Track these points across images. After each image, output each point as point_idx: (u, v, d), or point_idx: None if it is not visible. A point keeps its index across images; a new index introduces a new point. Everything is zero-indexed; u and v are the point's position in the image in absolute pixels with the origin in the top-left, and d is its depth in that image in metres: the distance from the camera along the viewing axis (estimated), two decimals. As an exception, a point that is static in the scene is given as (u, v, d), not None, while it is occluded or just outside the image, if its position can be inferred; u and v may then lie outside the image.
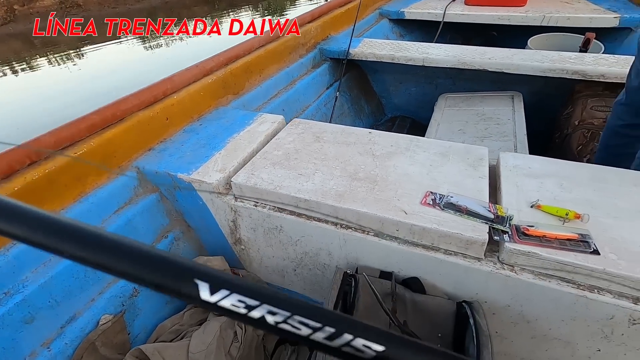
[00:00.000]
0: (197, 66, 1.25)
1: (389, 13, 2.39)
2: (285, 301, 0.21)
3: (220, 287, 0.20)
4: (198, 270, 0.21)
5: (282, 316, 0.20)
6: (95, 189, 0.93)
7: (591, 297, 0.64)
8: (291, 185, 0.86)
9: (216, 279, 0.21)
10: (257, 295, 0.20)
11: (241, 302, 0.20)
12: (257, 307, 0.20)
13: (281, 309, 0.20)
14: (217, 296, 0.20)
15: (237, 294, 0.20)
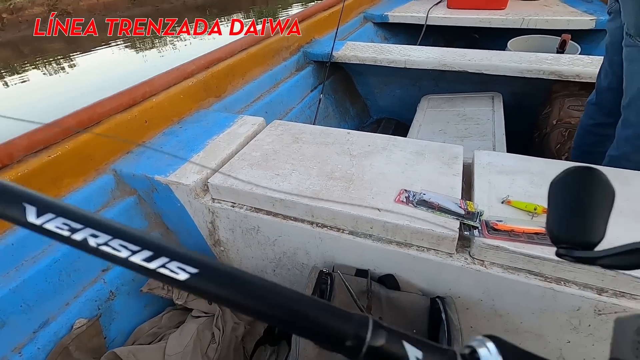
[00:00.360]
0: (178, 69, 1.25)
1: (373, 17, 2.42)
2: (106, 225, 0.22)
3: (46, 210, 0.22)
4: (27, 194, 0.23)
5: (104, 239, 0.22)
6: (70, 192, 0.92)
7: (558, 289, 0.65)
8: (267, 185, 0.86)
9: (43, 202, 0.23)
10: (80, 219, 0.22)
11: (65, 225, 0.22)
12: (80, 230, 0.22)
13: (102, 232, 0.22)
14: (43, 219, 0.22)
15: (62, 217, 0.22)
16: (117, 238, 0.22)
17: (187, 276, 0.22)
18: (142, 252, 0.22)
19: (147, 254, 0.22)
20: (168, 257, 0.22)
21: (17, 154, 0.84)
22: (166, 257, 0.22)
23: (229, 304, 0.22)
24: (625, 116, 0.93)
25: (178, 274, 0.22)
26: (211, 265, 0.22)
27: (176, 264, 0.22)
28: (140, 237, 0.22)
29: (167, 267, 0.22)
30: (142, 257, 0.22)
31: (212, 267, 0.22)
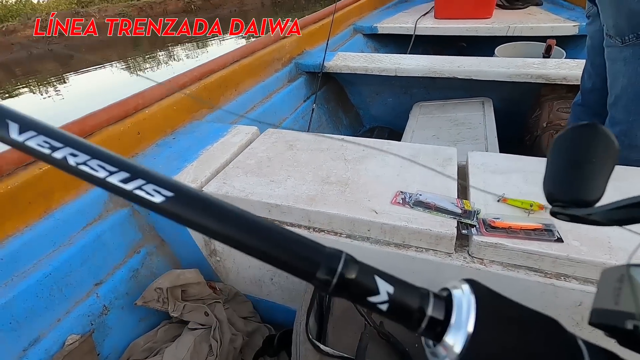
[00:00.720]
0: (170, 81, 1.26)
1: (363, 28, 2.47)
2: (85, 145, 0.23)
3: (28, 128, 0.22)
4: (10, 112, 0.23)
5: (82, 158, 0.22)
6: (62, 205, 0.91)
7: (558, 285, 0.64)
8: (263, 191, 0.85)
9: (25, 120, 0.23)
10: (60, 138, 0.22)
11: (46, 143, 0.22)
12: (60, 149, 0.22)
13: (81, 152, 0.22)
14: (25, 136, 0.22)
15: (43, 136, 0.22)
16: (95, 158, 0.22)
17: (162, 199, 0.22)
18: (119, 173, 0.22)
19: (124, 175, 0.22)
20: (144, 180, 0.22)
21: (7, 167, 0.83)
22: (142, 179, 0.22)
23: (203, 229, 0.23)
24: (612, 114, 0.95)
25: (153, 196, 0.22)
26: (186, 190, 0.23)
27: (152, 187, 0.22)
28: (118, 158, 0.23)
29: (143, 189, 0.22)
30: (119, 178, 0.22)
31: (187, 191, 0.23)
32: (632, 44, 0.82)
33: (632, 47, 0.83)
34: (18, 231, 0.82)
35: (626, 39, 0.83)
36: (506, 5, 2.45)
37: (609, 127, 0.96)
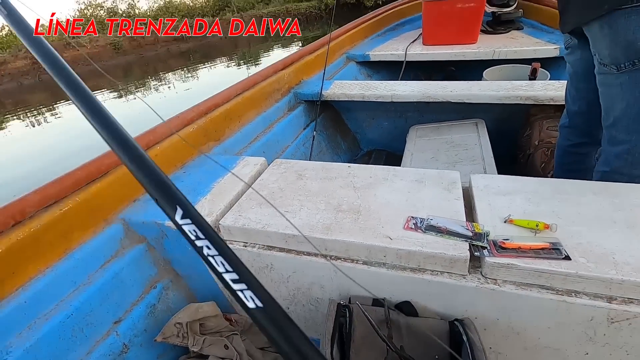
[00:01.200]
0: (179, 117, 1.30)
1: (356, 56, 2.58)
2: (218, 243, 0.32)
3: (188, 216, 0.33)
4: (181, 200, 0.34)
5: (213, 252, 0.31)
6: (80, 244, 0.92)
7: (570, 301, 0.68)
8: (279, 222, 0.88)
9: (188, 209, 0.34)
10: (204, 231, 0.32)
11: (194, 232, 0.32)
12: (202, 239, 0.32)
13: (214, 247, 0.31)
14: (183, 221, 0.32)
15: (194, 225, 0.32)
16: (221, 255, 0.31)
17: (254, 306, 0.29)
18: (232, 274, 0.30)
19: (234, 276, 0.30)
20: (246, 286, 0.30)
21: (29, 210, 0.85)
22: (246, 285, 0.30)
23: (273, 342, 0.28)
24: (612, 134, 1.00)
25: (249, 301, 0.29)
26: (274, 306, 0.29)
27: (250, 293, 0.29)
28: (236, 261, 0.30)
29: (244, 293, 0.29)
30: (230, 277, 0.30)
31: (274, 307, 0.29)
32: (628, 70, 0.89)
33: (627, 73, 0.90)
34: (40, 272, 0.83)
35: (622, 66, 0.90)
36: (489, 31, 2.59)
37: (609, 146, 1.02)
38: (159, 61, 12.02)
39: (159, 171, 0.35)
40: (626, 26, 0.86)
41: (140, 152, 0.37)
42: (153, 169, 0.36)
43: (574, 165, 1.32)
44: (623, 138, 0.98)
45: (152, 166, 0.36)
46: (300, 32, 13.24)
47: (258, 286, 0.29)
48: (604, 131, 1.05)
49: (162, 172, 0.35)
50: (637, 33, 0.84)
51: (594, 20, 0.92)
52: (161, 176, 0.35)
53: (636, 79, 0.90)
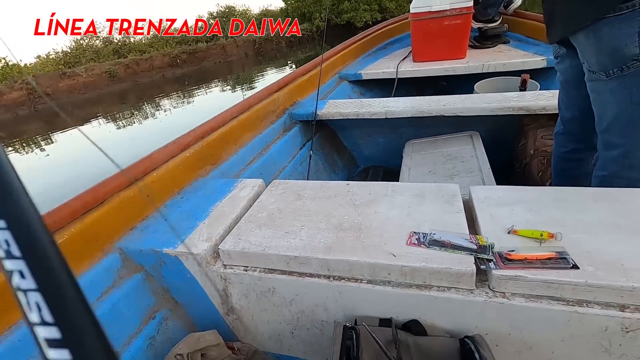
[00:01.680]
0: (175, 142, 1.30)
1: (348, 76, 2.62)
2: (45, 276, 0.18)
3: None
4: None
5: (28, 285, 0.17)
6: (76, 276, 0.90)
7: (582, 312, 0.66)
8: (279, 244, 0.87)
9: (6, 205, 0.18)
10: (25, 245, 0.18)
11: (6, 243, 0.18)
12: (14, 259, 0.17)
13: (33, 279, 0.17)
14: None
15: (9, 232, 0.18)
16: (40, 292, 0.17)
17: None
18: (50, 328, 0.17)
19: (55, 334, 0.17)
20: (72, 356, 0.16)
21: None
22: (71, 352, 0.16)
23: None
24: (607, 139, 1.01)
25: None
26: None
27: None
28: (69, 307, 0.17)
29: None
30: (45, 334, 0.17)
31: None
32: (617, 76, 0.91)
33: (616, 79, 0.92)
34: None
35: (610, 72, 0.92)
36: (477, 45, 2.65)
37: (605, 151, 1.03)
38: (154, 87, 12.20)
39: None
40: (611, 34, 0.88)
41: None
42: None
43: (571, 172, 1.33)
44: (618, 142, 0.98)
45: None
46: (293, 53, 13.55)
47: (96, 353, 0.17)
48: (598, 136, 1.05)
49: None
50: (622, 40, 0.87)
51: (580, 30, 0.95)
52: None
53: (625, 84, 0.91)
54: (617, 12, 0.85)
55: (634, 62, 0.87)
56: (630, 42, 0.85)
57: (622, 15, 0.84)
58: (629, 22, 0.84)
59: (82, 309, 0.18)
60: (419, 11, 2.37)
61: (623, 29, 0.85)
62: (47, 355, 0.17)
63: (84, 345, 0.17)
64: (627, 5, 0.83)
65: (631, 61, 0.87)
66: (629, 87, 0.91)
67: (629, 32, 0.85)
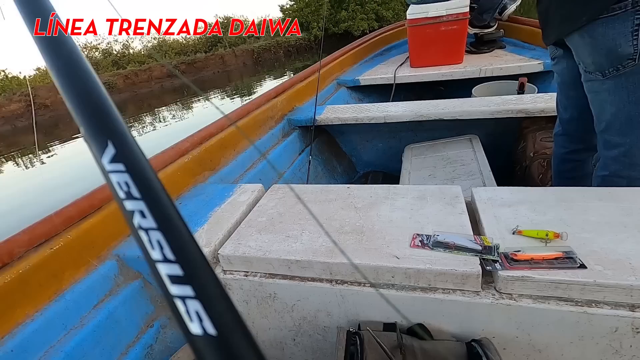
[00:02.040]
0: (173, 148, 1.29)
1: (346, 82, 2.63)
2: (161, 213, 0.19)
3: (122, 159, 0.20)
4: (118, 133, 0.21)
5: (148, 224, 0.19)
6: (72, 284, 0.88)
7: (591, 312, 0.64)
8: (280, 248, 0.85)
9: (125, 149, 0.21)
10: (143, 188, 0.20)
11: (126, 185, 0.19)
12: (135, 200, 0.19)
13: (153, 218, 0.19)
14: (112, 166, 0.20)
15: (129, 175, 0.20)
16: (161, 231, 0.19)
17: (199, 331, 0.16)
18: (172, 265, 0.18)
19: (178, 271, 0.18)
20: (194, 292, 0.17)
21: (18, 251, 0.81)
22: (194, 289, 0.17)
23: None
24: (606, 139, 1.01)
25: (192, 320, 0.17)
26: (238, 337, 0.17)
27: (197, 306, 0.17)
28: (184, 248, 0.18)
29: (186, 303, 0.17)
30: (168, 271, 0.18)
31: (238, 339, 0.17)
32: (613, 76, 0.91)
33: (613, 78, 0.92)
34: (28, 317, 0.78)
35: (606, 72, 0.92)
36: (474, 51, 2.67)
37: (605, 150, 1.02)
38: (153, 97, 12.24)
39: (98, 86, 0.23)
40: (605, 34, 0.89)
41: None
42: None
43: (572, 173, 1.32)
44: (618, 141, 0.98)
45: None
46: (291, 62, 13.65)
47: (213, 296, 0.17)
48: (598, 136, 1.05)
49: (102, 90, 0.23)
50: (617, 39, 0.87)
51: (574, 31, 0.95)
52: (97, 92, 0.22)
53: (622, 83, 0.91)
54: (610, 13, 0.86)
55: (629, 61, 0.87)
56: (624, 41, 0.86)
57: (615, 15, 0.85)
58: (622, 22, 0.85)
59: (190, 244, 0.19)
60: (416, 17, 2.39)
61: (616, 29, 0.86)
62: (170, 290, 0.18)
63: (205, 281, 0.18)
64: (619, 6, 0.84)
65: (626, 60, 0.88)
66: (626, 86, 0.91)
67: (622, 32, 0.85)
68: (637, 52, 0.85)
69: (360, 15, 16.85)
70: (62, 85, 0.22)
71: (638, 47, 0.84)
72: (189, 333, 0.16)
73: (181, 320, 0.17)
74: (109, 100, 0.23)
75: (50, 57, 0.23)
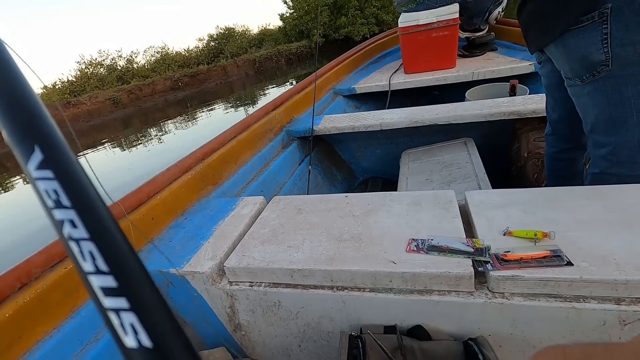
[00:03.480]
0: (177, 165, 1.34)
1: (342, 91, 2.68)
2: (92, 222, 0.18)
3: (50, 166, 0.18)
4: (44, 135, 0.19)
5: (79, 234, 0.18)
6: (86, 301, 0.92)
7: (579, 307, 0.68)
8: (283, 258, 0.89)
9: (54, 154, 0.19)
10: (73, 196, 0.18)
11: (55, 193, 0.18)
12: (63, 209, 0.18)
13: (84, 228, 0.18)
14: (39, 173, 0.18)
15: (58, 183, 0.18)
16: (94, 242, 0.17)
17: (134, 344, 0.16)
18: (106, 277, 0.17)
19: (111, 283, 0.17)
20: (129, 304, 0.16)
21: (35, 271, 0.85)
22: (128, 301, 0.16)
23: None
24: (594, 139, 1.05)
25: (127, 334, 0.16)
26: (175, 348, 0.16)
27: (132, 318, 0.16)
28: (118, 258, 0.17)
29: (120, 315, 0.16)
30: (101, 283, 0.17)
31: (176, 349, 0.16)
32: (591, 81, 0.96)
33: (590, 84, 0.97)
34: (47, 334, 0.83)
35: (584, 78, 0.97)
36: (466, 55, 2.72)
37: (594, 149, 1.07)
38: (157, 111, 12.39)
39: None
40: (577, 44, 0.94)
41: None
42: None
43: (563, 171, 1.36)
44: (604, 141, 1.02)
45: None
46: (293, 70, 13.75)
47: (151, 307, 0.17)
48: (587, 136, 1.09)
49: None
50: (588, 48, 0.93)
51: (550, 42, 1.02)
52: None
53: (600, 87, 0.96)
54: (580, 24, 0.92)
55: (603, 67, 0.92)
56: (595, 49, 0.91)
57: (585, 26, 0.91)
58: (591, 32, 0.90)
59: (132, 257, 0.18)
60: (407, 25, 2.45)
61: (587, 39, 0.92)
62: (104, 303, 0.17)
63: (140, 292, 0.17)
64: (587, 18, 0.90)
65: (600, 67, 0.93)
66: (604, 89, 0.96)
67: (592, 41, 0.91)
68: (609, 59, 0.90)
69: (360, 20, 16.93)
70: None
71: (609, 53, 0.89)
72: (124, 347, 0.16)
73: (115, 333, 0.16)
74: (36, 100, 0.20)
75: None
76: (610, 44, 0.88)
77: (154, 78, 15.48)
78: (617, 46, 0.88)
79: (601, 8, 0.87)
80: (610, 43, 0.88)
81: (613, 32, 0.87)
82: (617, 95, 0.93)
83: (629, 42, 0.86)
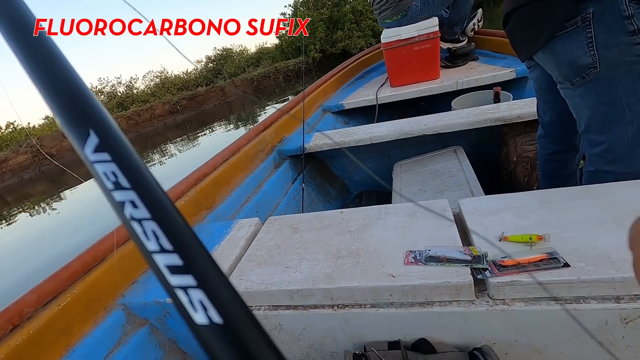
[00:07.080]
0: (169, 191, 1.33)
1: (331, 107, 2.72)
2: (153, 201, 0.18)
3: (106, 148, 0.19)
4: (100, 120, 0.20)
5: (141, 214, 0.18)
6: (81, 338, 0.89)
7: (580, 308, 0.68)
8: (281, 279, 0.88)
9: (110, 140, 0.20)
10: (132, 177, 0.19)
11: (114, 175, 0.19)
12: (124, 190, 0.18)
13: (145, 207, 0.18)
14: (96, 156, 0.19)
15: (115, 165, 0.19)
16: (156, 221, 0.18)
17: (205, 321, 0.16)
18: (171, 255, 0.17)
19: (177, 261, 0.17)
20: (196, 282, 0.17)
21: (28, 311, 0.83)
22: (195, 279, 0.17)
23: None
24: (589, 138, 1.08)
25: (197, 310, 0.17)
26: (245, 325, 0.17)
27: (201, 295, 0.17)
28: (181, 237, 0.18)
29: (189, 293, 0.17)
30: (167, 261, 0.17)
31: (246, 326, 0.17)
32: (581, 83, 1.00)
33: (581, 86, 1.00)
34: None
35: (574, 81, 1.01)
36: (449, 65, 2.79)
37: (589, 149, 1.09)
38: (157, 135, 12.38)
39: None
40: (564, 49, 0.98)
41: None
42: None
43: (557, 172, 1.38)
44: (599, 140, 1.04)
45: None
46: (291, 87, 13.89)
47: (218, 285, 0.17)
48: (581, 137, 1.12)
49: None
50: (575, 52, 0.96)
51: (538, 50, 1.05)
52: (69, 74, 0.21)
53: (591, 89, 0.99)
54: (564, 30, 0.95)
55: (591, 69, 0.95)
56: (582, 53, 0.94)
57: (569, 32, 0.94)
58: (576, 37, 0.94)
59: (193, 237, 0.19)
60: (390, 40, 2.51)
61: (573, 44, 0.95)
62: (169, 280, 0.17)
63: (205, 270, 0.18)
64: (570, 24, 0.93)
65: (589, 69, 0.96)
66: (595, 90, 0.98)
67: (578, 45, 0.94)
68: (597, 61, 0.93)
69: (357, 33, 17.16)
70: (33, 73, 0.21)
71: (596, 56, 0.92)
72: (194, 323, 0.17)
73: (184, 310, 0.17)
74: (86, 88, 0.21)
75: (18, 46, 0.21)
76: (596, 47, 0.91)
77: (152, 103, 15.53)
78: (602, 49, 0.91)
79: (583, 13, 0.90)
80: (596, 46, 0.91)
81: (597, 36, 0.90)
82: (608, 95, 0.96)
83: (614, 43, 0.89)
